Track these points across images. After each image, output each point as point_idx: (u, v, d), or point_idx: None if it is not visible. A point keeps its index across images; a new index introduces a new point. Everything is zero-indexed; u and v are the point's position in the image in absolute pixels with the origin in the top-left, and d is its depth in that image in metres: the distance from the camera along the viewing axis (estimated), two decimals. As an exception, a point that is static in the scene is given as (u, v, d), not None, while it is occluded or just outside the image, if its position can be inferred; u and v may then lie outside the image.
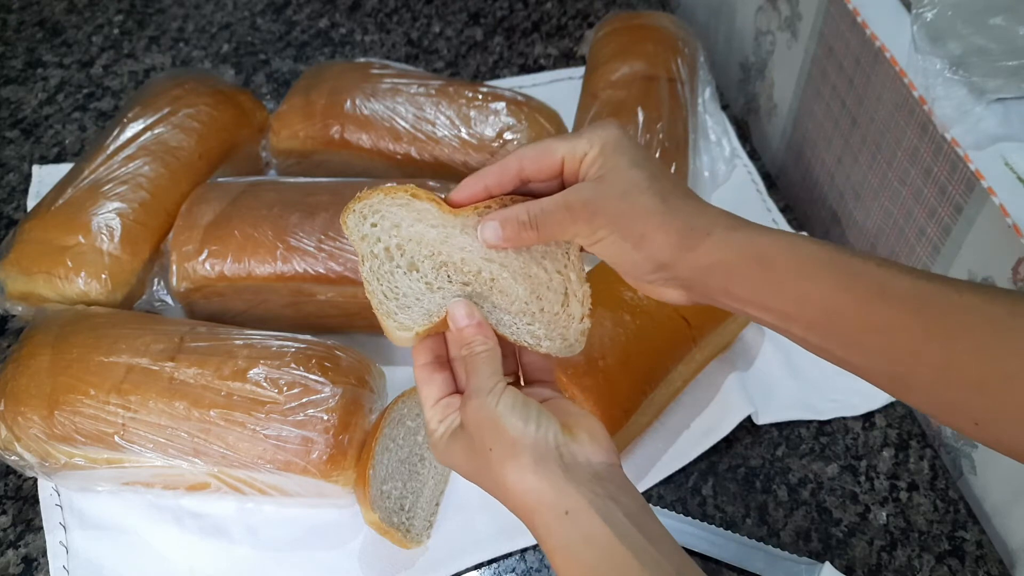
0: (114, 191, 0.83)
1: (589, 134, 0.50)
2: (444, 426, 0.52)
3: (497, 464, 0.48)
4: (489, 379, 0.50)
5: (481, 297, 0.53)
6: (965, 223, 0.75)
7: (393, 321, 0.52)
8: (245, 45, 1.19)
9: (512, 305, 0.53)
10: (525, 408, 0.49)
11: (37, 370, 0.72)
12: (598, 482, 0.47)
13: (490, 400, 0.49)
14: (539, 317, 0.54)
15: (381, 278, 0.52)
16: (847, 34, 0.88)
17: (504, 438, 0.48)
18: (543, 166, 0.51)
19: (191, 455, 0.70)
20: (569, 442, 0.48)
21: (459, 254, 0.53)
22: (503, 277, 0.53)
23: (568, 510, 0.46)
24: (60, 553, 0.73)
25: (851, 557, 0.74)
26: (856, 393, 0.84)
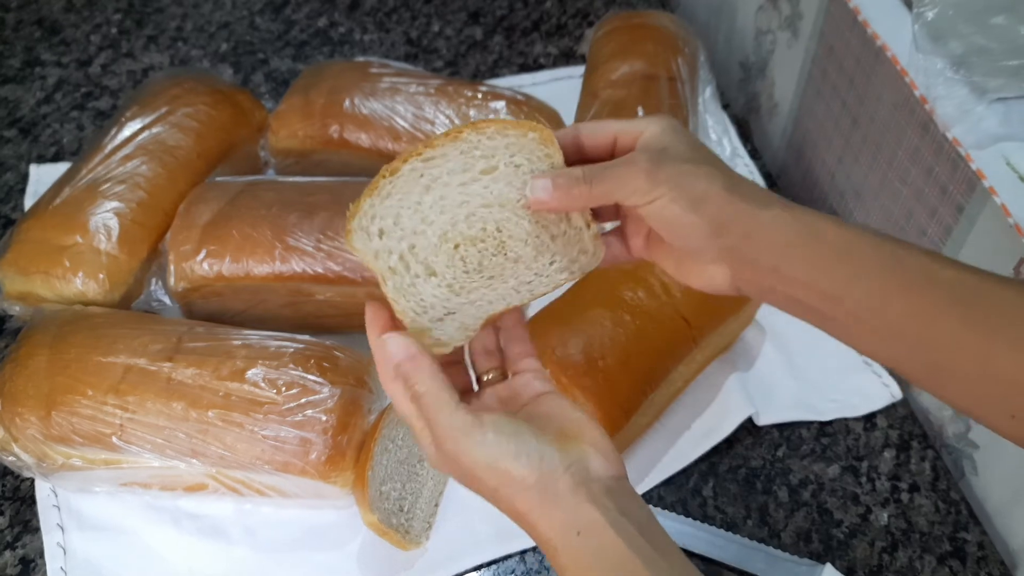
0: (112, 191, 0.83)
1: (646, 118, 0.50)
2: (433, 449, 0.49)
3: (507, 502, 0.47)
4: (455, 417, 0.46)
5: (498, 269, 0.52)
6: (966, 223, 0.74)
7: (430, 338, 0.51)
8: (244, 44, 1.19)
9: (525, 247, 0.52)
10: (517, 438, 0.47)
11: (35, 370, 0.72)
12: (609, 496, 0.47)
13: (473, 441, 0.46)
14: (552, 246, 0.52)
15: (407, 294, 0.51)
16: (848, 33, 0.88)
17: (506, 477, 0.46)
18: (598, 139, 0.51)
19: (189, 456, 0.70)
20: (575, 460, 0.47)
21: (463, 210, 0.51)
22: (507, 220, 0.52)
23: (580, 530, 0.45)
24: (57, 554, 0.73)
25: (852, 558, 0.74)
26: (857, 394, 0.84)
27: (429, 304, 0.51)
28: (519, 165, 0.51)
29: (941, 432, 0.83)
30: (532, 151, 0.51)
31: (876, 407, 0.83)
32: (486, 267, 0.52)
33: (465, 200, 0.51)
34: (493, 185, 0.51)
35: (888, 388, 0.84)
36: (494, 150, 0.51)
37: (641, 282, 0.77)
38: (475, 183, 0.51)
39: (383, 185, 0.50)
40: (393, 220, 0.51)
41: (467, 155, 0.51)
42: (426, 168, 0.51)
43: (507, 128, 0.51)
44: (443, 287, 0.51)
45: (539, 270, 0.53)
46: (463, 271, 0.52)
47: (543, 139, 0.51)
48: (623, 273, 0.78)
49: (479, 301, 0.52)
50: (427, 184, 0.51)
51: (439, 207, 0.51)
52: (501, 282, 0.52)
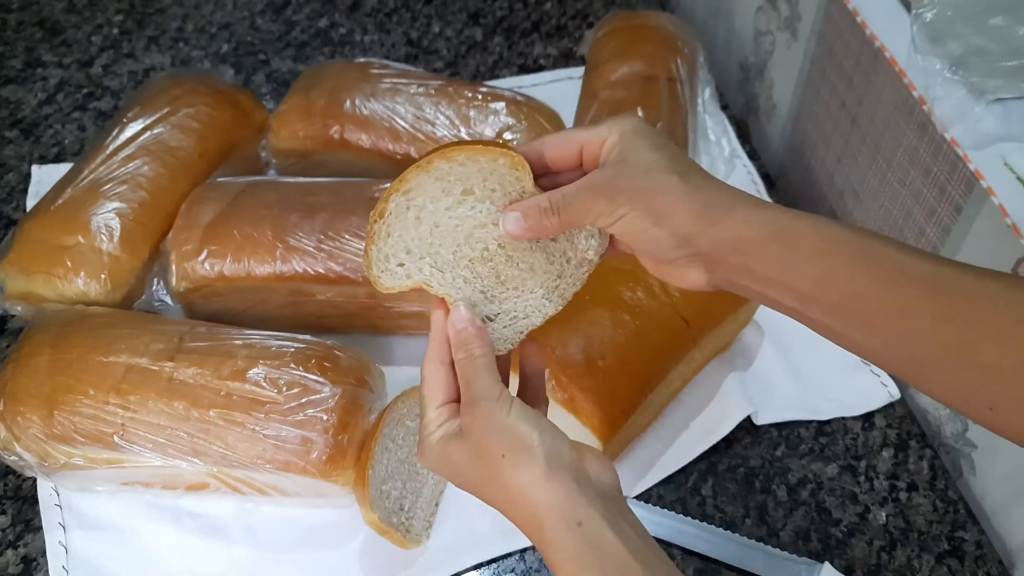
0: (113, 191, 0.83)
1: (609, 123, 0.51)
2: (442, 431, 0.51)
3: (509, 469, 0.47)
4: (494, 385, 0.49)
5: (518, 280, 0.53)
6: (964, 223, 0.75)
7: None
8: (245, 45, 1.19)
9: (535, 254, 0.53)
10: (537, 418, 0.49)
11: (36, 370, 0.72)
12: (608, 499, 0.47)
13: (500, 406, 0.48)
14: (558, 245, 0.53)
15: (456, 289, 0.53)
16: (847, 34, 0.88)
17: (518, 444, 0.47)
18: (563, 152, 0.52)
19: (190, 455, 0.70)
20: (579, 461, 0.48)
21: (460, 232, 0.52)
22: (503, 236, 0.53)
23: (581, 520, 0.46)
24: (59, 553, 0.73)
25: (851, 557, 0.74)
26: (855, 393, 0.84)
27: (475, 301, 0.53)
28: (493, 190, 0.52)
29: (939, 431, 0.83)
30: (503, 176, 0.52)
31: (874, 407, 0.83)
32: (506, 279, 0.53)
33: (457, 224, 0.52)
34: (479, 205, 0.52)
35: (886, 388, 0.84)
36: (467, 175, 0.52)
37: (640, 282, 0.77)
38: (460, 206, 0.52)
39: (378, 229, 0.52)
40: (405, 251, 0.52)
41: (442, 181, 0.52)
42: (409, 200, 0.52)
43: (477, 154, 0.51)
44: (477, 292, 0.53)
45: (560, 270, 0.54)
46: (488, 282, 0.53)
47: (513, 164, 0.51)
48: (623, 273, 0.78)
49: (514, 312, 0.54)
50: (416, 215, 0.52)
51: (437, 234, 0.52)
52: (528, 292, 0.53)
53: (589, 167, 0.52)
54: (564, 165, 0.52)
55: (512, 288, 0.53)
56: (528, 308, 0.54)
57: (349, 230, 0.80)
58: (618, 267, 0.80)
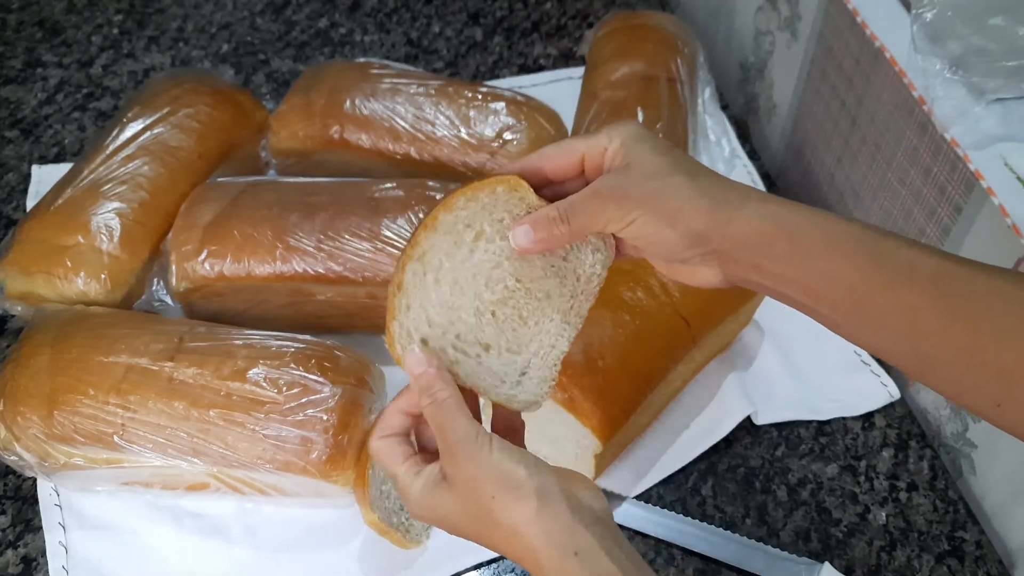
0: (113, 191, 0.83)
1: (608, 130, 0.50)
2: (421, 480, 0.50)
3: (500, 509, 0.47)
4: (469, 426, 0.48)
5: (538, 313, 0.53)
6: (964, 223, 0.75)
7: (518, 403, 0.53)
8: (245, 45, 1.19)
9: (548, 280, 0.53)
10: (520, 453, 0.48)
11: (36, 370, 0.72)
12: (602, 525, 0.47)
13: (480, 447, 0.48)
14: (568, 264, 0.53)
15: (479, 375, 0.52)
16: (847, 34, 0.88)
17: (506, 483, 0.47)
18: (564, 163, 0.51)
19: (190, 455, 0.70)
20: (570, 487, 0.48)
21: (480, 280, 0.52)
22: (519, 268, 0.52)
23: (577, 550, 0.46)
24: (59, 553, 0.73)
25: (851, 557, 0.74)
26: (855, 393, 0.84)
27: (503, 373, 0.52)
28: (501, 219, 0.52)
29: (939, 431, 0.83)
30: (506, 202, 0.51)
31: (874, 406, 0.83)
32: (527, 315, 0.53)
33: (475, 272, 0.52)
34: (489, 246, 0.52)
35: (886, 388, 0.84)
36: (472, 217, 0.51)
37: (641, 282, 0.77)
38: (476, 252, 0.52)
39: (398, 303, 0.51)
40: (427, 324, 0.51)
41: (451, 233, 0.51)
42: (424, 265, 0.51)
43: (475, 193, 0.51)
44: (504, 352, 0.53)
45: (572, 290, 0.53)
46: (512, 330, 0.53)
47: (510, 187, 0.51)
48: (623, 273, 0.78)
49: (542, 350, 0.53)
50: (435, 278, 0.51)
51: (458, 290, 0.52)
52: (548, 320, 0.53)
53: (592, 176, 0.51)
54: (565, 175, 0.52)
55: (534, 324, 0.53)
56: (553, 337, 0.53)
57: (349, 230, 0.80)
58: (618, 267, 0.79)
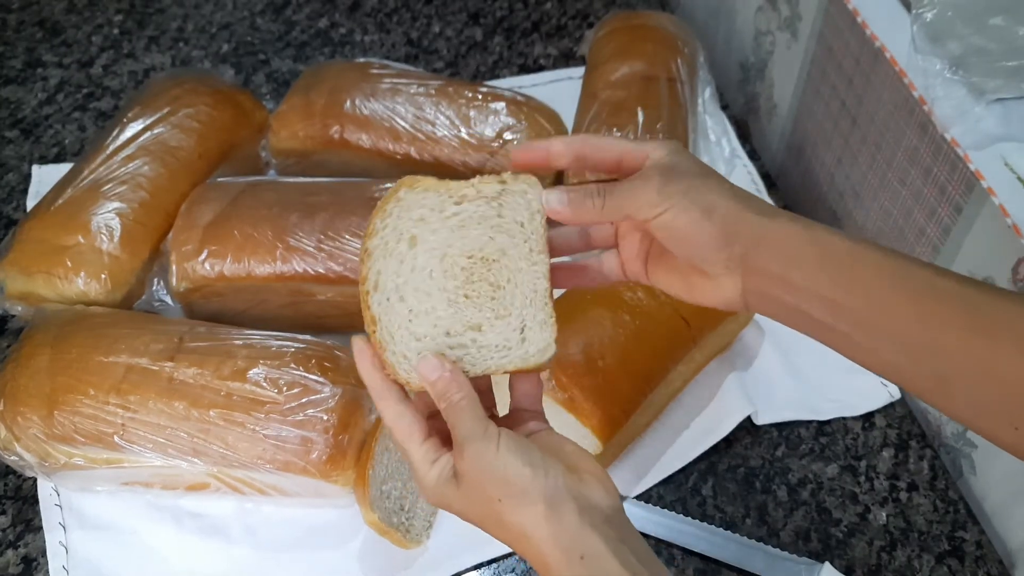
0: (113, 191, 0.83)
1: (654, 143, 0.51)
2: (437, 470, 0.50)
3: (509, 514, 0.47)
4: (477, 424, 0.48)
5: (503, 275, 0.53)
6: (965, 223, 0.75)
7: None
8: (245, 45, 1.19)
9: (510, 261, 0.53)
10: (527, 452, 0.48)
11: (36, 370, 0.72)
12: (610, 525, 0.47)
13: (487, 446, 0.48)
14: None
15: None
16: (847, 34, 0.88)
17: (513, 488, 0.47)
18: (603, 153, 0.52)
19: (190, 455, 0.70)
20: (578, 485, 0.48)
21: (437, 268, 0.52)
22: (503, 242, 0.53)
23: (584, 554, 0.46)
24: (59, 553, 0.73)
25: (851, 557, 0.74)
26: (856, 393, 0.84)
27: (504, 340, 0.52)
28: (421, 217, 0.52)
29: (939, 431, 0.83)
30: (415, 199, 0.52)
31: (874, 406, 0.83)
32: (496, 279, 0.53)
33: (428, 271, 0.52)
34: (425, 244, 0.52)
35: (886, 388, 0.84)
36: (396, 230, 0.52)
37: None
38: (418, 256, 0.52)
39: (381, 337, 0.52)
40: (415, 340, 0.52)
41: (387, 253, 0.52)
42: (383, 293, 0.52)
43: (384, 207, 0.52)
44: (496, 321, 0.53)
45: (523, 235, 0.53)
46: (490, 299, 0.53)
47: (410, 186, 0.52)
48: (623, 273, 0.78)
49: (528, 298, 0.53)
50: (399, 298, 0.52)
51: (424, 296, 0.52)
52: (518, 272, 0.53)
53: (625, 175, 0.52)
54: (601, 162, 0.53)
55: (507, 282, 0.53)
56: (531, 282, 0.53)
57: (349, 230, 0.80)
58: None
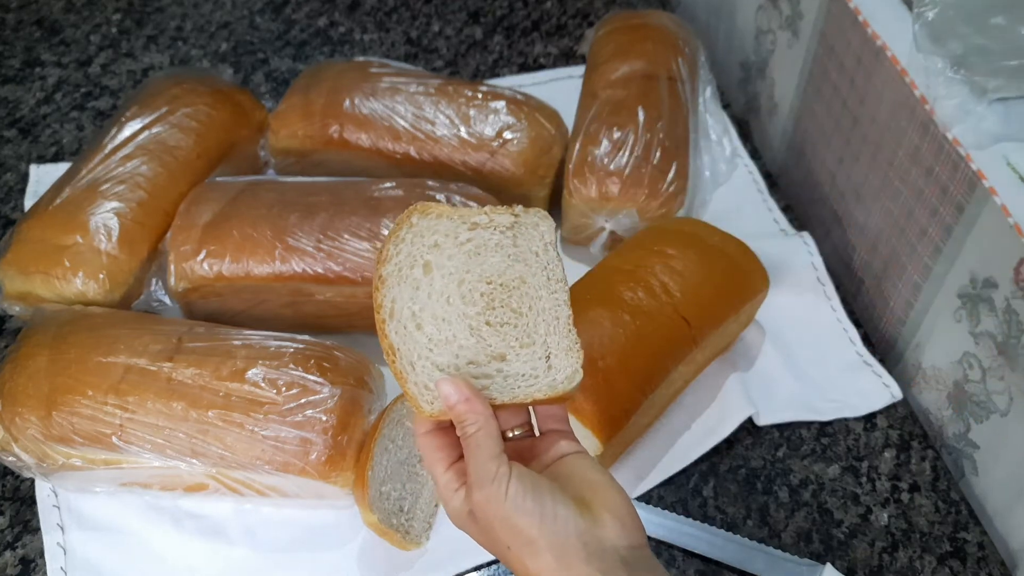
0: (112, 191, 0.83)
1: None
2: (457, 500, 0.50)
3: (518, 560, 0.47)
4: (489, 463, 0.48)
5: (521, 317, 0.53)
6: (967, 223, 0.74)
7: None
8: (244, 44, 1.19)
9: (530, 288, 0.53)
10: (536, 495, 0.48)
11: (35, 370, 0.72)
12: (625, 566, 0.47)
13: (496, 491, 0.47)
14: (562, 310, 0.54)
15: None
16: (848, 33, 0.88)
17: (520, 537, 0.47)
18: None
19: (189, 456, 0.70)
20: (592, 527, 0.48)
21: (455, 294, 0.53)
22: (519, 272, 0.53)
23: None
24: (58, 554, 0.73)
25: (852, 558, 0.74)
26: (857, 394, 0.84)
27: (531, 369, 0.53)
28: (435, 243, 0.53)
29: (941, 432, 0.83)
30: (428, 225, 0.53)
31: (876, 407, 0.83)
32: (517, 305, 0.53)
33: (447, 297, 0.53)
34: (441, 271, 0.53)
35: (888, 388, 0.84)
36: (409, 256, 0.53)
37: (641, 282, 0.77)
38: (434, 282, 0.53)
39: (401, 367, 0.52)
40: (437, 370, 0.52)
41: (402, 281, 0.52)
42: (400, 321, 0.52)
43: (397, 234, 0.53)
44: (520, 349, 0.53)
45: (539, 263, 0.54)
46: (512, 326, 0.53)
47: (423, 212, 0.53)
48: (623, 273, 0.78)
49: (551, 325, 0.53)
50: (416, 326, 0.52)
51: (443, 324, 0.52)
52: (537, 300, 0.53)
53: None
54: None
55: (528, 309, 0.53)
56: (552, 308, 0.53)
57: (349, 230, 0.80)
58: (618, 267, 0.80)
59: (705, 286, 0.78)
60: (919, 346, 0.84)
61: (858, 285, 0.94)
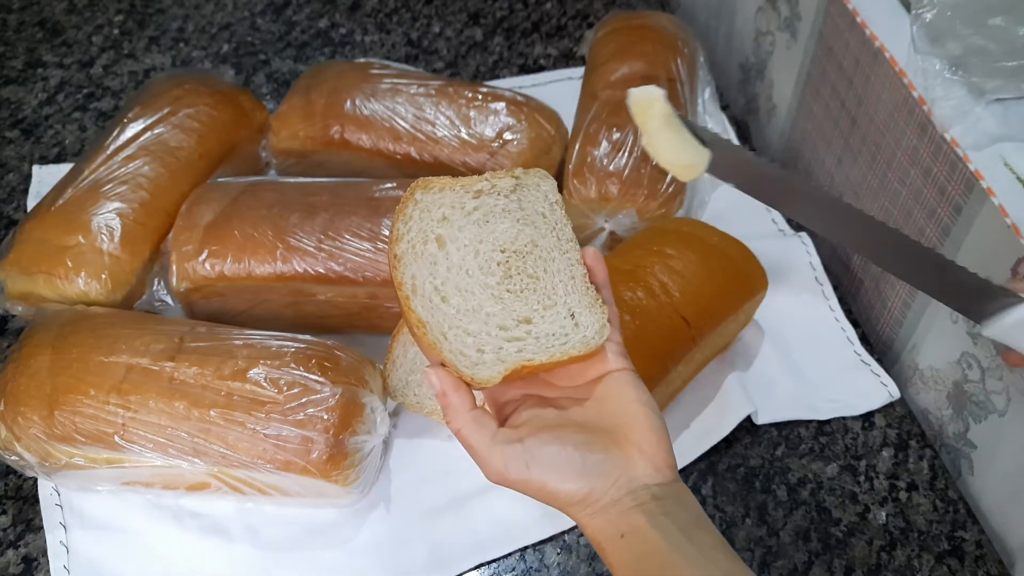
0: (114, 191, 0.83)
1: None
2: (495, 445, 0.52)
3: (554, 507, 0.50)
4: (491, 451, 0.50)
5: (537, 281, 0.54)
6: (964, 223, 0.75)
7: None
8: (245, 45, 1.19)
9: (543, 251, 0.54)
10: (558, 459, 0.49)
11: (37, 370, 0.72)
12: (655, 501, 0.49)
13: (518, 466, 0.50)
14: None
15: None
16: (846, 34, 0.88)
17: (550, 497, 0.50)
18: None
19: (191, 455, 0.70)
20: (621, 470, 0.49)
21: (473, 266, 0.53)
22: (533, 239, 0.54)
23: (624, 533, 0.48)
24: (60, 553, 0.73)
25: (850, 557, 0.74)
26: (856, 393, 0.84)
27: (559, 329, 0.53)
28: (443, 216, 0.54)
29: (940, 431, 0.83)
30: (432, 199, 0.54)
31: (874, 406, 0.83)
32: (534, 270, 0.54)
33: (465, 270, 0.53)
34: (454, 244, 0.54)
35: (886, 387, 0.84)
36: (420, 233, 0.53)
37: (641, 282, 0.77)
38: (450, 255, 0.53)
39: (433, 338, 0.51)
40: (469, 336, 0.52)
41: (417, 257, 0.53)
42: (423, 296, 0.52)
43: (402, 212, 0.53)
44: (544, 311, 0.53)
45: (548, 225, 0.55)
46: (532, 291, 0.54)
47: (425, 187, 0.54)
48: (623, 273, 0.78)
49: (569, 285, 0.54)
50: (440, 299, 0.52)
51: (467, 294, 0.53)
52: (552, 261, 0.54)
53: None
54: None
55: (544, 272, 0.54)
56: (568, 269, 0.54)
57: (349, 230, 0.80)
58: (618, 267, 0.80)
59: (704, 286, 0.79)
60: (916, 346, 0.84)
61: (856, 285, 0.94)
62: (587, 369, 0.54)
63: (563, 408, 0.53)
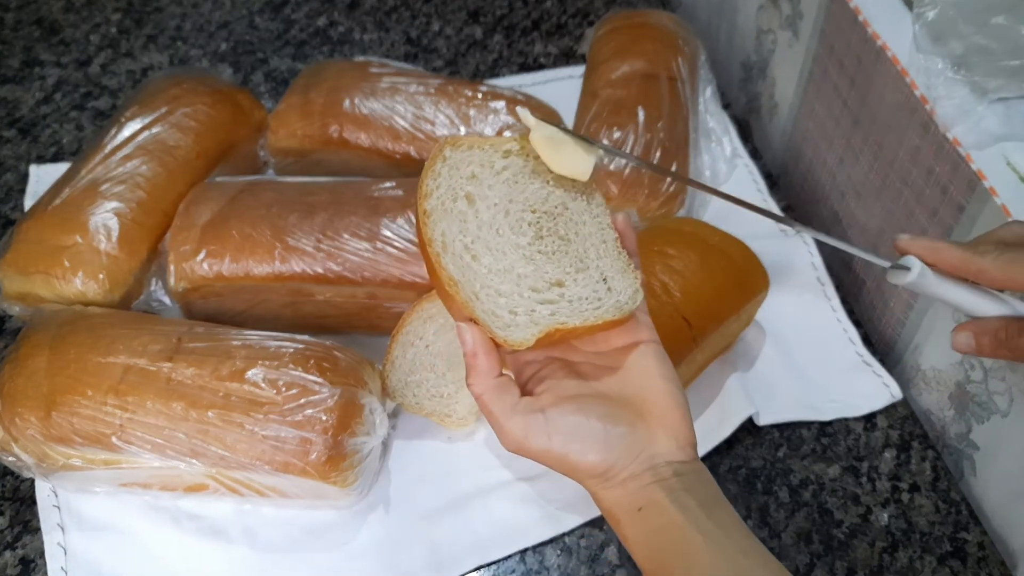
0: (111, 191, 0.83)
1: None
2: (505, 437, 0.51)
3: (571, 478, 0.50)
4: (511, 420, 0.50)
5: (568, 243, 0.53)
6: (967, 223, 0.74)
7: None
8: (243, 44, 1.19)
9: (573, 214, 0.54)
10: (580, 430, 0.49)
11: (34, 371, 0.72)
12: (676, 478, 0.49)
13: (538, 437, 0.49)
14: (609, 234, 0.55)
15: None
16: (848, 33, 0.88)
17: (570, 468, 0.49)
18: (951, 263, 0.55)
19: (189, 456, 0.70)
20: (644, 444, 0.49)
21: (504, 224, 0.53)
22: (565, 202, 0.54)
23: (642, 507, 0.48)
24: (58, 554, 0.73)
25: (852, 559, 0.74)
26: (858, 394, 0.84)
27: (592, 293, 0.52)
28: (472, 174, 0.53)
29: (942, 432, 0.83)
30: (462, 158, 0.53)
31: (876, 407, 0.83)
32: (565, 231, 0.54)
33: (496, 228, 0.53)
34: (484, 202, 0.53)
35: (888, 388, 0.84)
36: (450, 190, 0.53)
37: (641, 282, 0.77)
38: (480, 213, 0.53)
39: (466, 296, 0.50)
40: (501, 296, 0.51)
41: (446, 214, 0.52)
42: (455, 254, 0.51)
43: (431, 168, 0.52)
44: (576, 275, 0.53)
45: (579, 189, 0.55)
46: (564, 253, 0.53)
47: (454, 145, 0.53)
48: (623, 273, 0.78)
49: (601, 249, 0.54)
50: (471, 257, 0.51)
51: (498, 254, 0.52)
52: (582, 225, 0.54)
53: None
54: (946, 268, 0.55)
55: (575, 235, 0.54)
56: (599, 233, 0.54)
57: (348, 230, 0.80)
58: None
59: (705, 286, 0.78)
60: (918, 347, 0.84)
61: (858, 285, 0.94)
62: (614, 337, 0.53)
63: (585, 377, 0.53)
